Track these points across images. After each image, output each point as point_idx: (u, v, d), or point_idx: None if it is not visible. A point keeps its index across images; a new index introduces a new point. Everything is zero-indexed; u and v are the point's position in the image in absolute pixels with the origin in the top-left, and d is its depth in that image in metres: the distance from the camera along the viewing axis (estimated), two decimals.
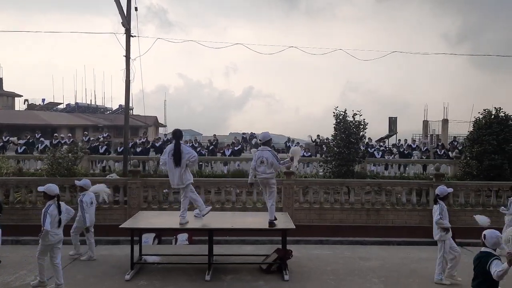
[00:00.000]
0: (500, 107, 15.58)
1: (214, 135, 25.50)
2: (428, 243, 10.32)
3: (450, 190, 7.47)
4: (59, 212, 6.60)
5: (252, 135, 29.78)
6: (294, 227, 7.46)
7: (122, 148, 16.83)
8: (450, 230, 7.22)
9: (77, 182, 8.68)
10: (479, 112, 16.02)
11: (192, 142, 22.29)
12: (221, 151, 21.72)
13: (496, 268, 4.50)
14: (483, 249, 4.82)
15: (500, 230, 5.28)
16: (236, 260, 8.15)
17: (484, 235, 4.84)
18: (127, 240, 7.88)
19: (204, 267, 7.48)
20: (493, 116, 15.44)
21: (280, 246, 7.76)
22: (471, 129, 16.61)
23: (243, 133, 31.74)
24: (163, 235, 10.95)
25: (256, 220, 7.90)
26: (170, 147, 7.55)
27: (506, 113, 15.49)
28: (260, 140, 7.34)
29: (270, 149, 7.55)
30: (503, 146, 14.78)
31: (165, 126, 47.56)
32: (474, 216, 7.67)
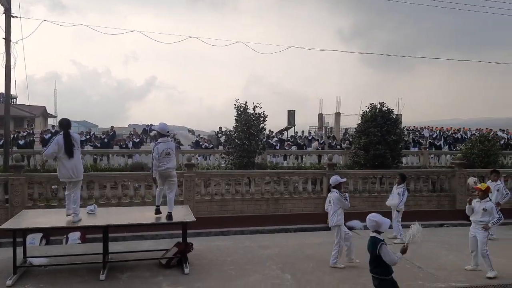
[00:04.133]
0: (383, 102, 17.14)
1: (112, 126, 24.24)
2: (323, 229, 11.00)
3: (343, 179, 7.89)
4: None
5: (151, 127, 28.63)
6: (195, 219, 7.37)
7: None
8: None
9: None
10: (366, 106, 17.45)
11: (85, 134, 20.89)
12: (119, 143, 20.69)
13: (392, 256, 4.82)
14: (371, 233, 5.15)
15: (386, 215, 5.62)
16: (134, 257, 7.82)
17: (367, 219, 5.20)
18: (10, 242, 7.05)
19: (98, 266, 7.03)
20: (377, 110, 16.92)
21: (180, 240, 7.63)
22: (360, 121, 18.04)
23: (148, 125, 30.22)
24: (52, 235, 10.10)
25: (156, 215, 7.62)
26: (60, 139, 6.85)
27: (389, 107, 17.11)
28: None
29: (172, 140, 7.53)
30: (386, 137, 16.30)
31: (55, 116, 43.82)
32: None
